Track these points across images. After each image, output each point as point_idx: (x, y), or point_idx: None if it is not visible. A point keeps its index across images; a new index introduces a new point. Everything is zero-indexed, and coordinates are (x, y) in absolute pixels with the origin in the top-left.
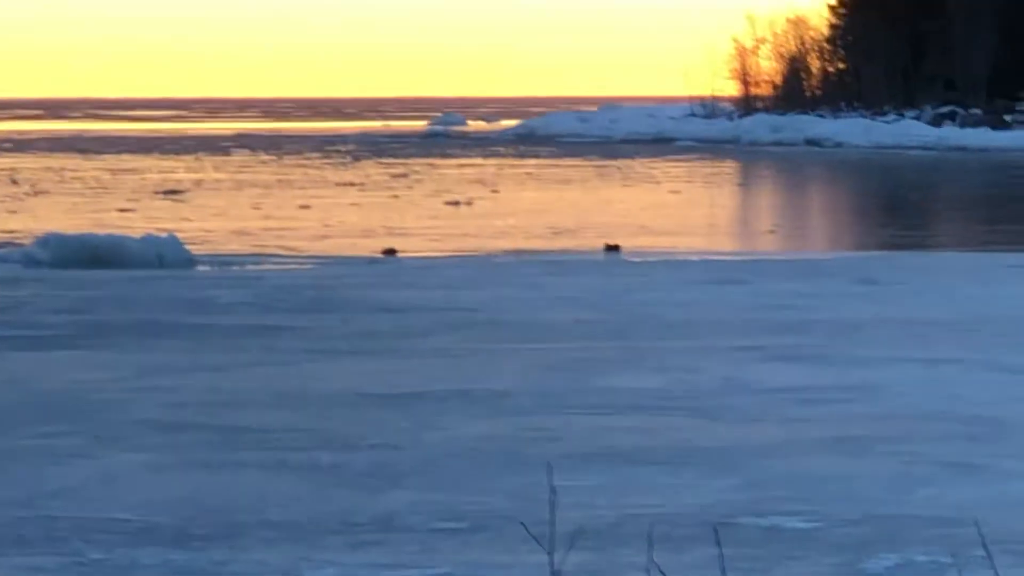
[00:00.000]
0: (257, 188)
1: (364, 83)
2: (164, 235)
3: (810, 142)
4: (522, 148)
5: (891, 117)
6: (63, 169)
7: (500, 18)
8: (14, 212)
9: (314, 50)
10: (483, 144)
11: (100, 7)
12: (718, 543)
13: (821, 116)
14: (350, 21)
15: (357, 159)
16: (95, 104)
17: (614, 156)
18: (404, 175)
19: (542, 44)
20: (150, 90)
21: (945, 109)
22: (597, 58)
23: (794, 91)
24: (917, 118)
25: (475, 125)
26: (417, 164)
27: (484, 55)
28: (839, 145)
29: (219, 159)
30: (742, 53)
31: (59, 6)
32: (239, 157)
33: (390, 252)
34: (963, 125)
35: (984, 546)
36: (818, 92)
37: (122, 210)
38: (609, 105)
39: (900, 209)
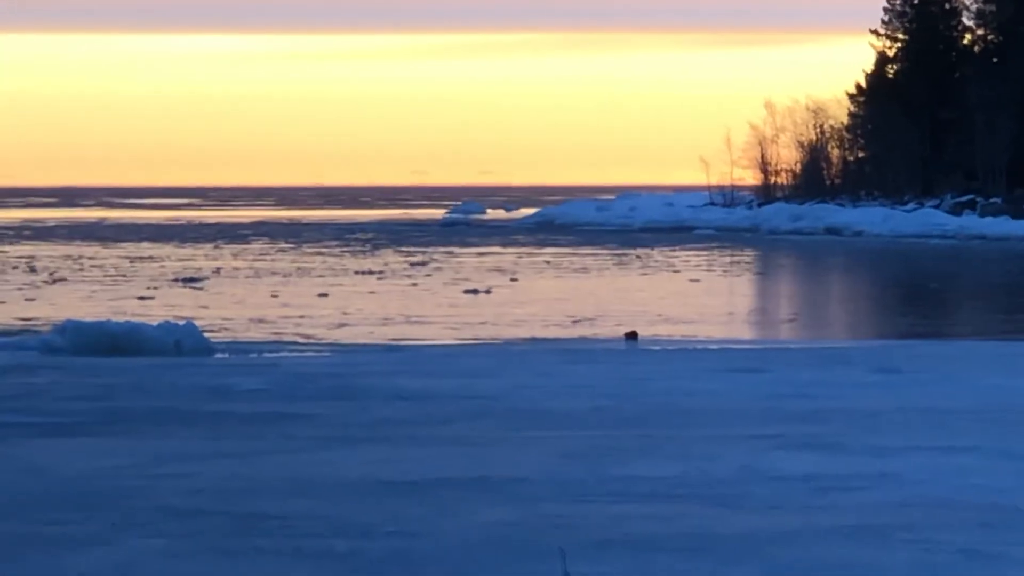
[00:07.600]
0: (276, 276)
1: (380, 172)
2: (182, 323)
3: (830, 231)
4: (541, 236)
5: (911, 206)
6: (82, 257)
7: (514, 105)
8: (32, 300)
9: (327, 138)
10: (502, 232)
11: (110, 95)
12: None
13: (841, 205)
14: (361, 109)
15: (376, 247)
16: (109, 192)
17: (633, 245)
18: (423, 263)
19: (559, 131)
20: (163, 178)
21: (965, 198)
22: (614, 145)
23: (814, 180)
24: (937, 207)
25: (494, 213)
26: (436, 252)
27: (499, 143)
28: (859, 234)
29: (238, 247)
30: (761, 141)
31: (69, 92)
32: (258, 245)
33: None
34: (983, 214)
35: None
36: (838, 181)
37: (141, 298)
38: (627, 194)
39: (920, 298)
